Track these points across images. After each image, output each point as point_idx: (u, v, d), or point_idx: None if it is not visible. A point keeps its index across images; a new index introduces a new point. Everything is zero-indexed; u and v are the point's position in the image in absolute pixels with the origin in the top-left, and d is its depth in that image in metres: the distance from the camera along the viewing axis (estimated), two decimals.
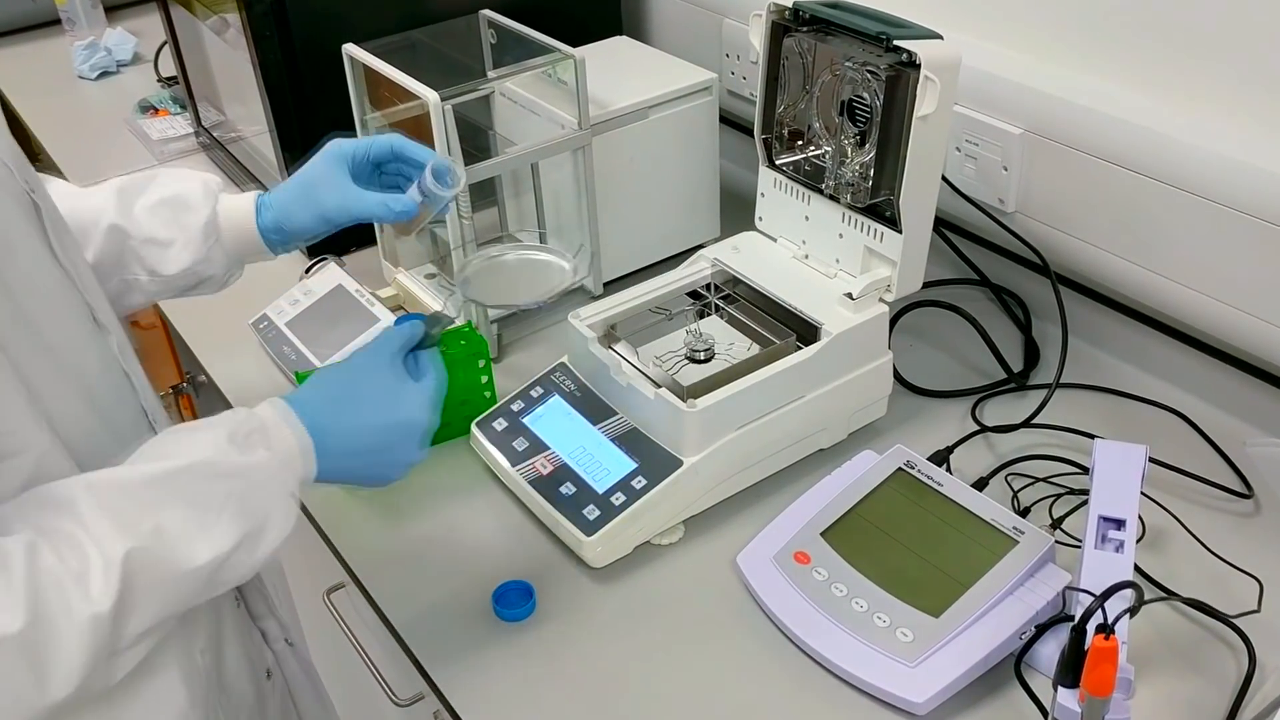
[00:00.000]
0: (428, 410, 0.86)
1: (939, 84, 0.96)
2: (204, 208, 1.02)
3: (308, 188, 1.02)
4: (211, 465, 0.74)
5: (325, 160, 1.02)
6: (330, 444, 0.81)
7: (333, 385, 0.85)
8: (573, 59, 1.21)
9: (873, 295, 1.08)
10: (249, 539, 0.75)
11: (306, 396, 0.83)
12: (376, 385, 0.85)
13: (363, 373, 0.86)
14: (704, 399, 1.00)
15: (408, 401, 0.85)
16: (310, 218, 1.02)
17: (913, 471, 1.01)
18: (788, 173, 1.15)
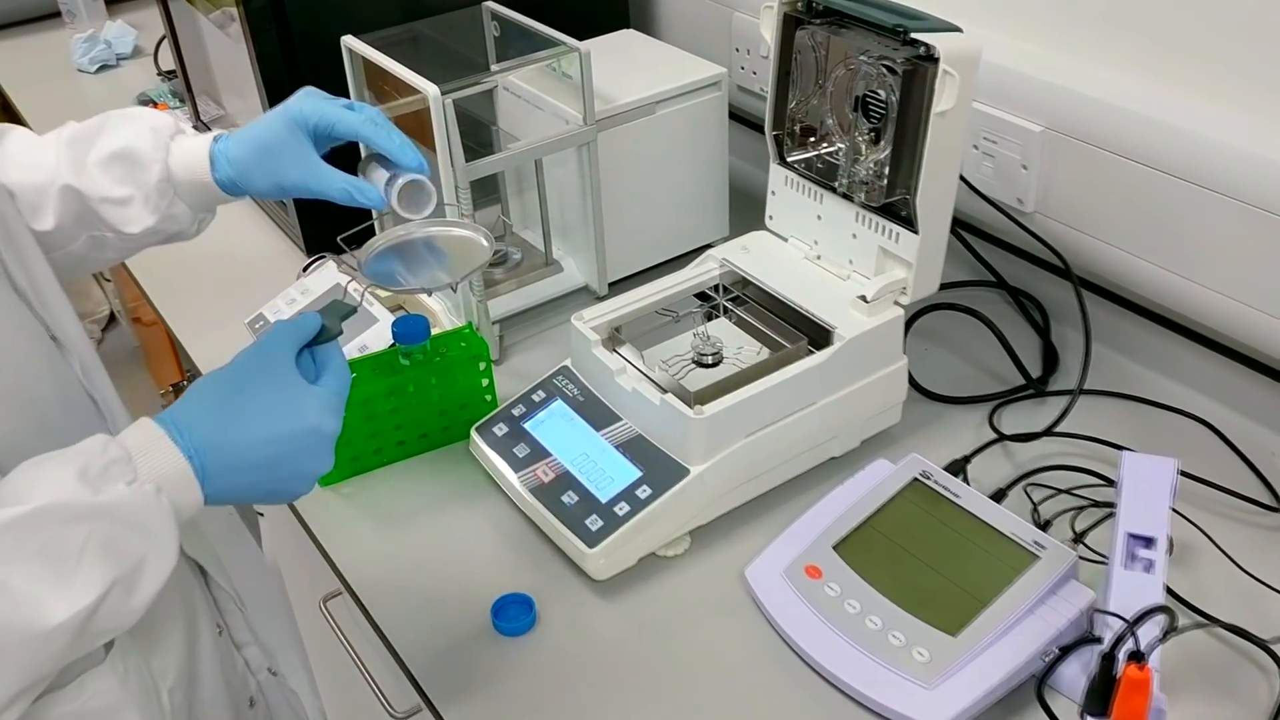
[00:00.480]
0: (330, 414, 0.75)
1: (958, 78, 0.92)
2: (155, 164, 0.94)
3: (266, 153, 0.94)
4: (61, 508, 0.64)
5: (286, 124, 0.93)
6: (217, 462, 0.71)
7: (215, 395, 0.74)
8: (578, 52, 1.17)
9: (888, 298, 1.04)
10: (121, 585, 0.65)
11: (184, 411, 0.72)
12: (267, 390, 0.74)
13: (250, 377, 0.74)
14: (712, 405, 0.96)
15: (305, 406, 0.74)
16: (268, 185, 0.95)
17: (929, 482, 0.97)
18: (799, 170, 1.11)
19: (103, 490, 0.65)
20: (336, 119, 0.94)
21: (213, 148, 0.95)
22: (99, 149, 0.94)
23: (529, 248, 1.37)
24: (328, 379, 0.77)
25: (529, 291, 1.31)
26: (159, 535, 0.68)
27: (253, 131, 0.95)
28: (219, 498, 0.72)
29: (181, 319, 1.38)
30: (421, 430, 1.13)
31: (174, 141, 0.95)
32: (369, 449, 1.11)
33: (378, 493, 1.10)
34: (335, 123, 0.94)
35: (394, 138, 0.93)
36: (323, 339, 0.79)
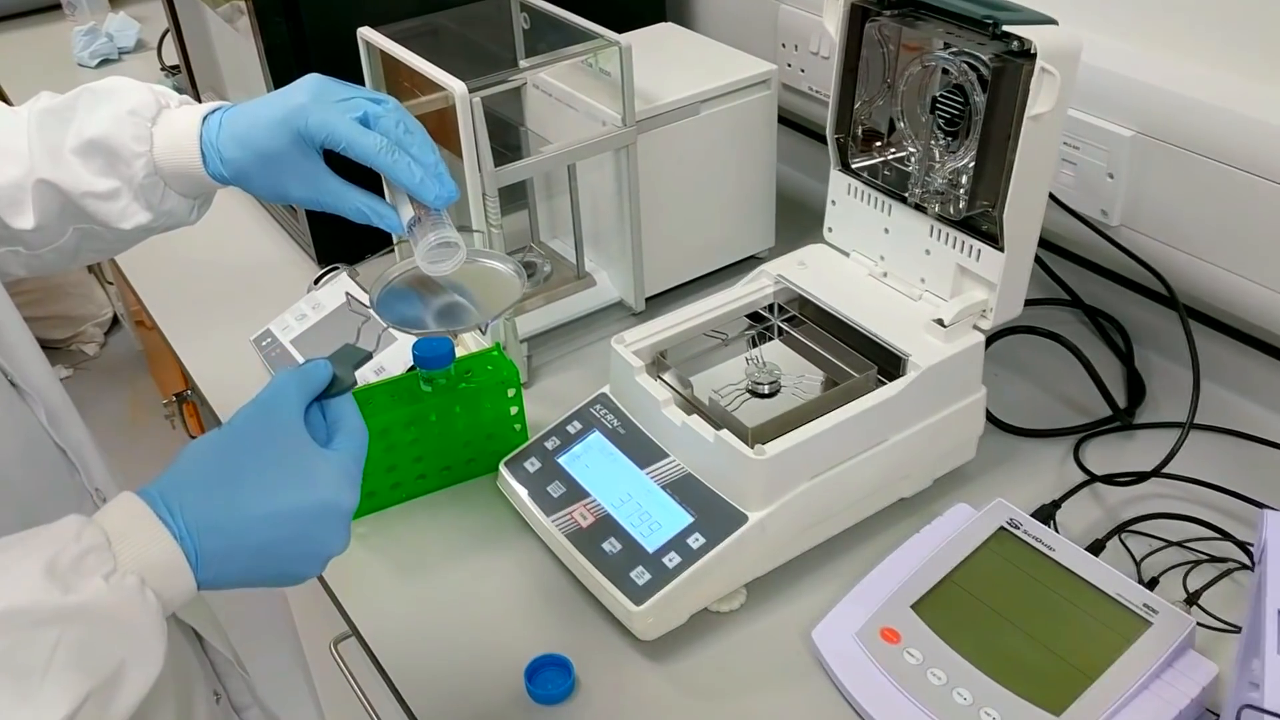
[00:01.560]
0: (346, 485, 0.64)
1: (1058, 77, 0.81)
2: (138, 158, 0.82)
3: (265, 162, 0.81)
4: (24, 613, 0.53)
5: (289, 136, 0.80)
6: (214, 545, 0.60)
7: (211, 463, 0.63)
8: (618, 47, 1.06)
9: (966, 321, 0.93)
10: (97, 697, 0.55)
11: (175, 483, 0.61)
12: (272, 457, 0.63)
13: (251, 441, 0.64)
14: (774, 444, 0.85)
15: (317, 476, 0.63)
16: (270, 193, 0.84)
17: (1017, 532, 0.86)
18: (864, 179, 1.00)
19: (75, 587, 0.55)
20: (348, 141, 0.79)
21: (203, 138, 0.83)
22: (74, 135, 0.82)
23: (558, 259, 1.26)
24: (342, 441, 0.66)
25: (559, 307, 1.20)
26: (142, 636, 0.57)
27: (247, 130, 0.82)
28: (214, 584, 0.61)
29: (183, 335, 1.28)
30: (444, 463, 1.02)
31: (157, 126, 0.83)
32: (386, 484, 1.00)
33: (396, 532, 0.99)
34: (347, 144, 0.80)
35: (414, 171, 0.80)
36: (334, 391, 0.69)
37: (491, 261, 0.87)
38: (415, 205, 0.83)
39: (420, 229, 0.82)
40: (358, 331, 0.83)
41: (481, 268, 0.87)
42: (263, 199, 0.87)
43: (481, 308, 0.84)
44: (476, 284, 0.86)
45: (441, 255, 0.81)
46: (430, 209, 0.82)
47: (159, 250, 1.31)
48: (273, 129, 0.81)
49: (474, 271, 0.86)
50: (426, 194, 0.81)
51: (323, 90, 0.82)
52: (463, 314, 0.84)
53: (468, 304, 0.84)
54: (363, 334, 0.84)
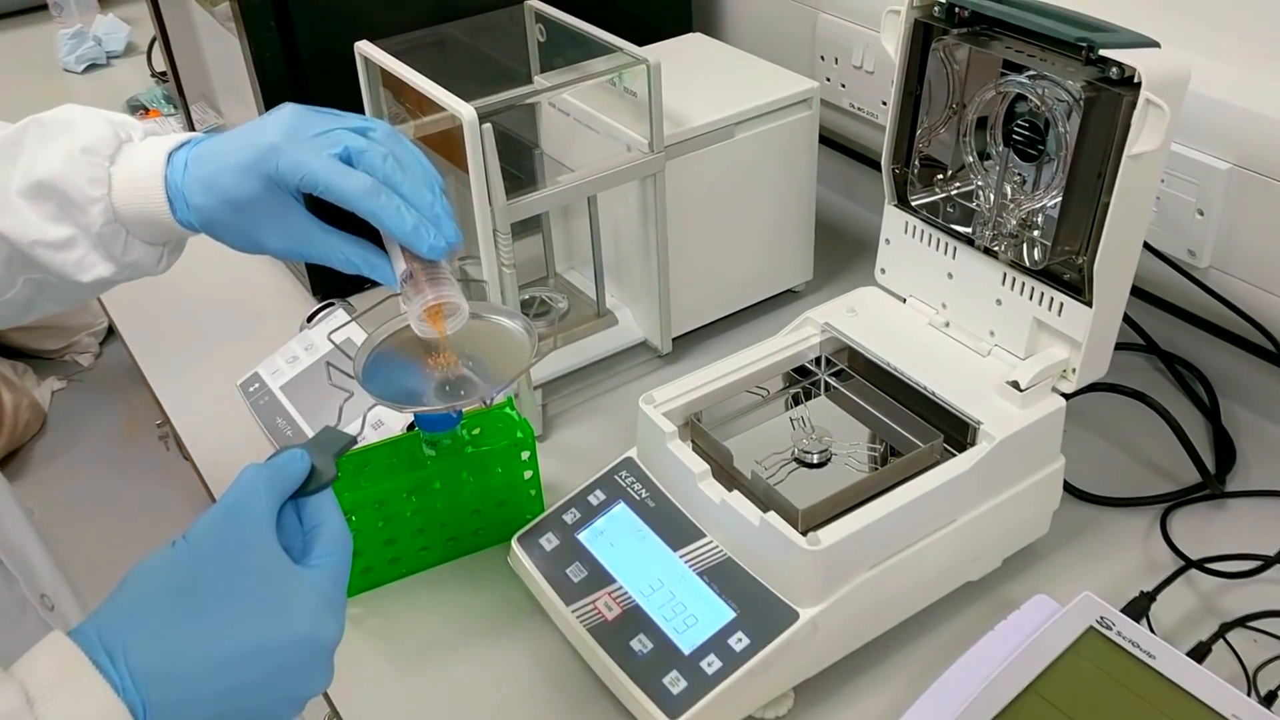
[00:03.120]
0: (327, 613, 0.54)
1: (1166, 112, 0.70)
2: (94, 204, 0.71)
3: (237, 210, 0.71)
4: None
5: (261, 180, 0.70)
6: (165, 697, 0.49)
7: (163, 590, 0.52)
8: (645, 64, 0.95)
9: (1044, 384, 0.82)
10: None
11: (117, 622, 0.51)
12: (238, 581, 0.53)
13: (213, 561, 0.53)
14: (829, 530, 0.74)
15: (293, 602, 0.53)
16: (246, 245, 0.74)
17: (1109, 633, 0.75)
18: (924, 216, 0.89)
19: None
20: (326, 184, 0.68)
21: (168, 179, 0.72)
22: (21, 175, 0.72)
23: (576, 294, 1.15)
24: (323, 553, 0.56)
25: (578, 349, 1.09)
26: None
27: (213, 175, 0.71)
28: None
29: (163, 376, 1.17)
30: (450, 534, 0.91)
31: (116, 165, 0.73)
32: (384, 558, 0.89)
33: (394, 613, 0.88)
34: (325, 189, 0.69)
35: (405, 218, 0.69)
36: (312, 487, 0.58)
37: (498, 318, 0.76)
38: (408, 256, 0.72)
39: (414, 285, 0.71)
40: (339, 410, 0.71)
41: (487, 325, 0.76)
42: (239, 250, 0.75)
43: (487, 375, 0.73)
44: (481, 345, 0.75)
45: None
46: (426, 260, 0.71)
47: None
48: (241, 174, 0.70)
49: (478, 330, 0.75)
50: (419, 244, 0.70)
51: (298, 125, 0.71)
52: (464, 383, 0.73)
53: (469, 371, 0.73)
54: (345, 412, 0.72)
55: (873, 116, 1.20)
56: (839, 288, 1.19)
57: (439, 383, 0.73)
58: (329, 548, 0.57)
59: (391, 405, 0.71)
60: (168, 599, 0.52)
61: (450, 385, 0.73)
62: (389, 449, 0.89)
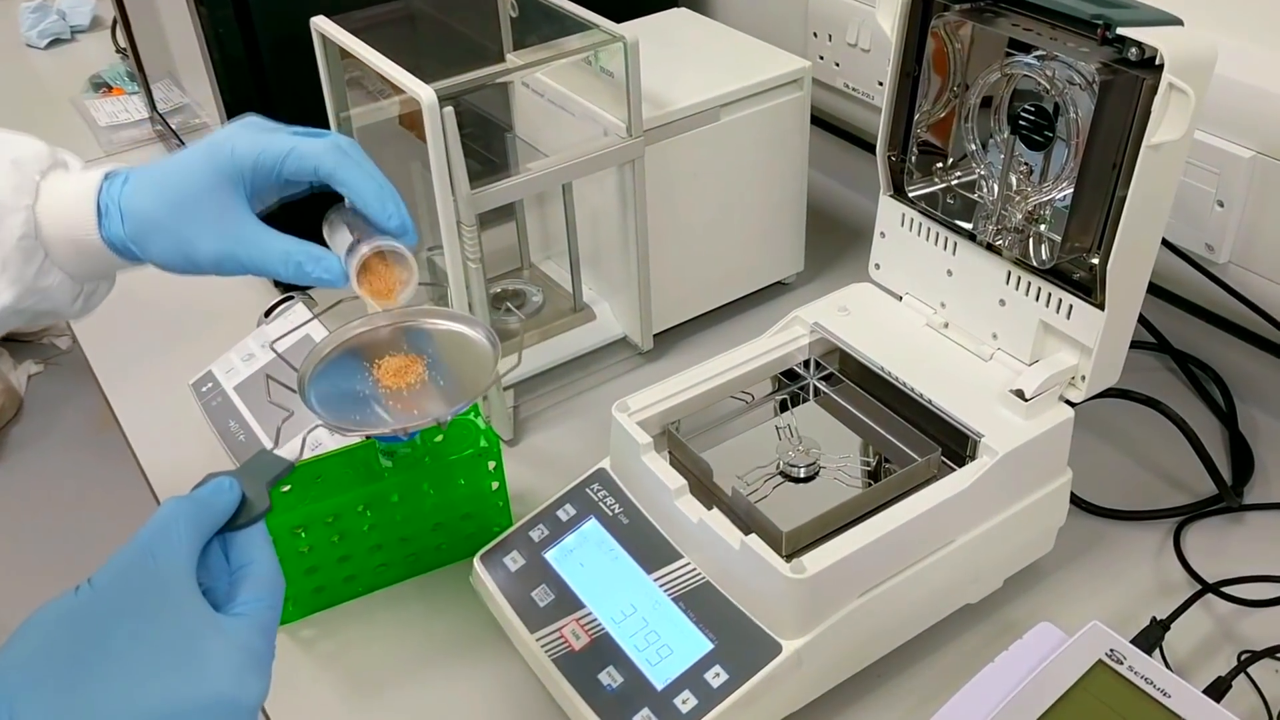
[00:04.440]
0: (251, 669, 0.49)
1: (1191, 97, 0.63)
2: (14, 213, 0.66)
3: (177, 209, 0.67)
4: None
5: (211, 170, 0.66)
6: None
7: (63, 643, 0.47)
8: (622, 41, 0.88)
9: (1051, 392, 0.75)
10: None
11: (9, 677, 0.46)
12: (149, 632, 0.47)
13: (121, 608, 0.48)
14: (815, 556, 0.68)
15: (210, 657, 0.47)
16: (176, 256, 0.67)
17: (1120, 668, 0.69)
18: (922, 208, 0.82)
19: None
20: (288, 148, 0.67)
21: (102, 192, 0.67)
22: None
23: (551, 286, 1.08)
24: (249, 598, 0.51)
25: (552, 346, 1.02)
26: None
27: (161, 175, 0.68)
28: None
29: (112, 374, 1.10)
30: (410, 550, 0.84)
31: (46, 181, 0.67)
32: (338, 576, 0.83)
33: (348, 636, 0.82)
34: (285, 154, 0.67)
35: (370, 179, 0.66)
36: (241, 521, 0.53)
37: (459, 326, 0.70)
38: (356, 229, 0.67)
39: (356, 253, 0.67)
40: (277, 431, 0.65)
41: (448, 333, 0.70)
42: (162, 267, 0.70)
43: (445, 390, 0.66)
44: (441, 355, 0.68)
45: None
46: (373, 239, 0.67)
47: None
48: (189, 163, 0.68)
49: (437, 338, 0.69)
50: (383, 211, 0.67)
51: (255, 123, 0.70)
52: (420, 399, 0.66)
53: (427, 385, 0.67)
54: (284, 432, 0.66)
55: (869, 98, 1.13)
56: (833, 279, 1.13)
57: (391, 398, 0.66)
58: (256, 592, 0.51)
59: (334, 427, 0.65)
60: (67, 652, 0.46)
61: (404, 401, 0.66)
62: (343, 459, 0.82)
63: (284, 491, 0.80)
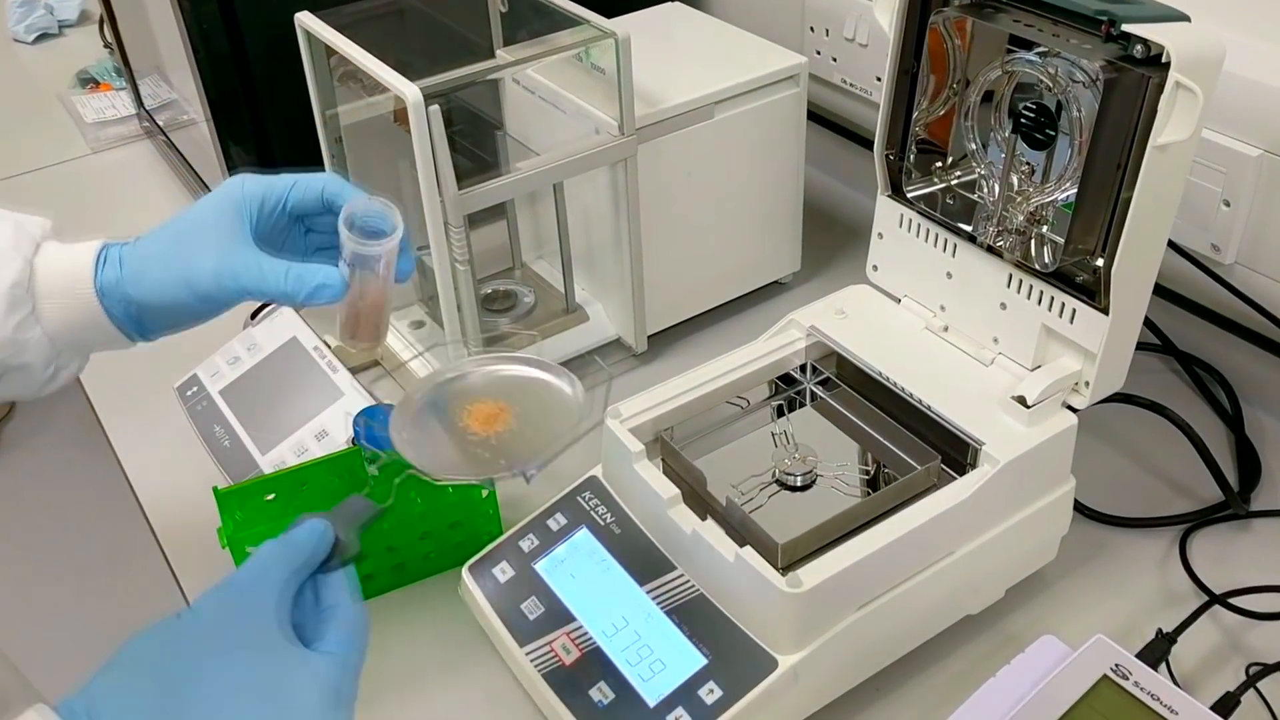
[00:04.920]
0: (334, 703, 0.50)
1: (1199, 96, 0.61)
2: (10, 264, 0.65)
3: (178, 240, 0.67)
4: None
5: (215, 203, 0.68)
6: None
7: (158, 669, 0.49)
8: (613, 38, 0.86)
9: (1054, 399, 0.73)
10: None
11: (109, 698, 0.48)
12: (241, 667, 0.49)
13: (216, 642, 0.50)
14: (812, 569, 0.66)
15: (296, 695, 0.49)
16: (172, 284, 0.66)
17: (1125, 684, 0.67)
18: (921, 209, 0.80)
19: None
20: (294, 179, 0.69)
21: (107, 246, 0.68)
22: None
23: (543, 287, 1.06)
24: (336, 638, 0.53)
25: (544, 348, 1.00)
26: None
27: (172, 219, 0.69)
28: None
29: (96, 377, 1.07)
30: (396, 559, 0.83)
31: (49, 242, 0.68)
32: None
33: None
34: (292, 183, 0.69)
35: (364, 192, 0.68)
36: (331, 564, 0.56)
37: (546, 375, 0.69)
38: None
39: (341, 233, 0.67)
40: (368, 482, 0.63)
41: (534, 383, 0.69)
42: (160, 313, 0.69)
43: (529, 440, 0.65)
44: (525, 405, 0.68)
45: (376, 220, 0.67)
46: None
47: None
48: (202, 201, 0.69)
49: (524, 387, 0.68)
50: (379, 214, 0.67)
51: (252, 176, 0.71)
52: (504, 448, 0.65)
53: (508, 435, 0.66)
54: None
55: (866, 93, 1.11)
56: (830, 279, 1.11)
57: (479, 445, 0.65)
58: (344, 634, 0.53)
59: (421, 472, 0.64)
60: (163, 680, 0.49)
61: (490, 449, 0.65)
62: (327, 467, 0.80)
63: (269, 499, 0.79)
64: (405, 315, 1.03)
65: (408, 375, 0.98)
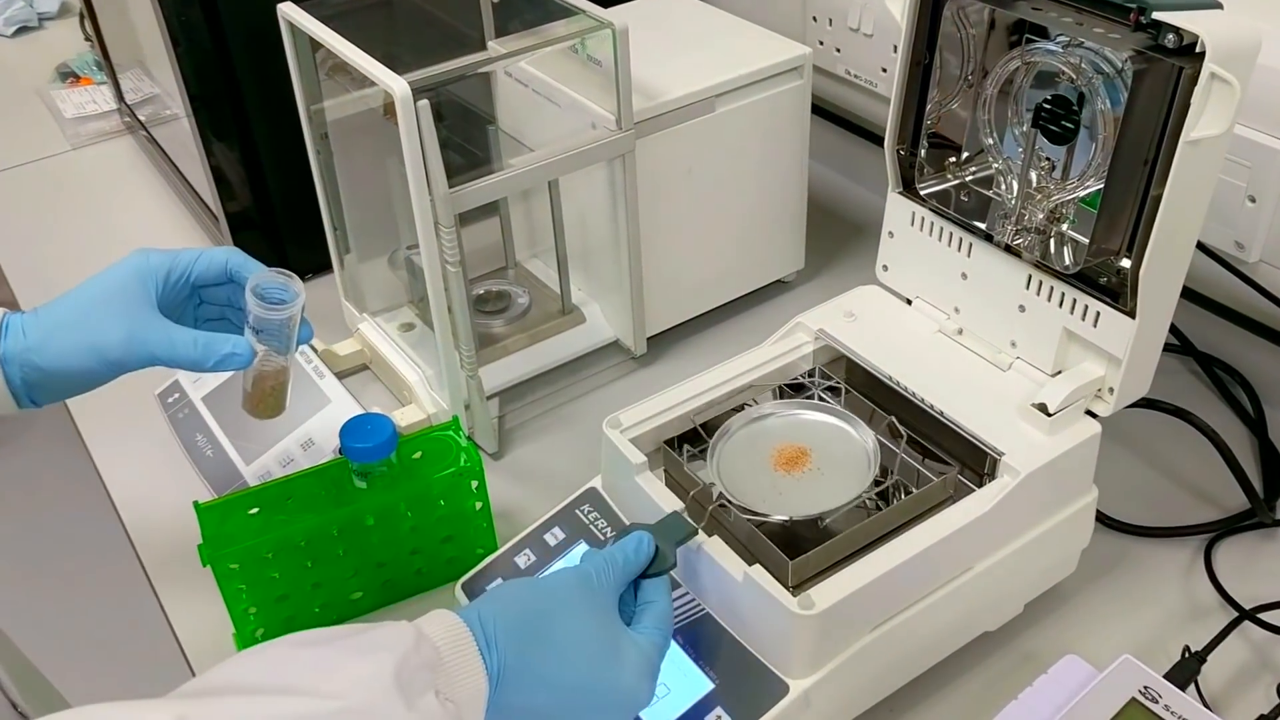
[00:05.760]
0: (647, 676, 0.59)
1: (1236, 89, 0.57)
2: None
3: (85, 309, 0.69)
4: (373, 714, 0.50)
5: (120, 275, 0.70)
6: (508, 690, 0.56)
7: (528, 610, 0.59)
8: (610, 29, 0.82)
9: (1077, 406, 0.70)
10: None
11: (493, 616, 0.57)
12: (587, 629, 0.59)
13: (569, 606, 0.59)
14: (824, 589, 0.62)
15: (626, 659, 0.59)
16: (81, 352, 0.68)
17: (1155, 708, 0.63)
18: (934, 206, 0.76)
19: (415, 704, 0.52)
20: (194, 256, 0.73)
21: (4, 316, 0.69)
22: None
23: (538, 287, 1.02)
24: (649, 626, 0.61)
25: (540, 351, 0.97)
26: None
27: (68, 293, 0.71)
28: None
29: None
30: (387, 575, 0.79)
31: None
32: (311, 606, 0.77)
33: None
34: (197, 255, 0.73)
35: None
36: (651, 572, 0.63)
37: (840, 422, 0.74)
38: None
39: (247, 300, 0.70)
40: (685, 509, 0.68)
41: (829, 428, 0.74)
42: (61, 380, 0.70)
43: (827, 481, 0.71)
44: (825, 448, 0.73)
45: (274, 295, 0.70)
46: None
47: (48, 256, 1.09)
48: (107, 272, 0.71)
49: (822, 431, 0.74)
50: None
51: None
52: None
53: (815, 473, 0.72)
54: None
55: (872, 85, 1.07)
56: (835, 278, 1.07)
57: (782, 486, 0.71)
58: (656, 623, 0.61)
59: (732, 504, 0.69)
60: (531, 613, 0.58)
61: (791, 489, 0.70)
62: (314, 479, 0.76)
63: (252, 514, 0.75)
64: (394, 318, 0.99)
65: (397, 380, 0.95)
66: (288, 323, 0.70)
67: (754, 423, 0.75)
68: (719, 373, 0.77)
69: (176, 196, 1.27)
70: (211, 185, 1.08)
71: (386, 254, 1.00)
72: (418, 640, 0.54)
